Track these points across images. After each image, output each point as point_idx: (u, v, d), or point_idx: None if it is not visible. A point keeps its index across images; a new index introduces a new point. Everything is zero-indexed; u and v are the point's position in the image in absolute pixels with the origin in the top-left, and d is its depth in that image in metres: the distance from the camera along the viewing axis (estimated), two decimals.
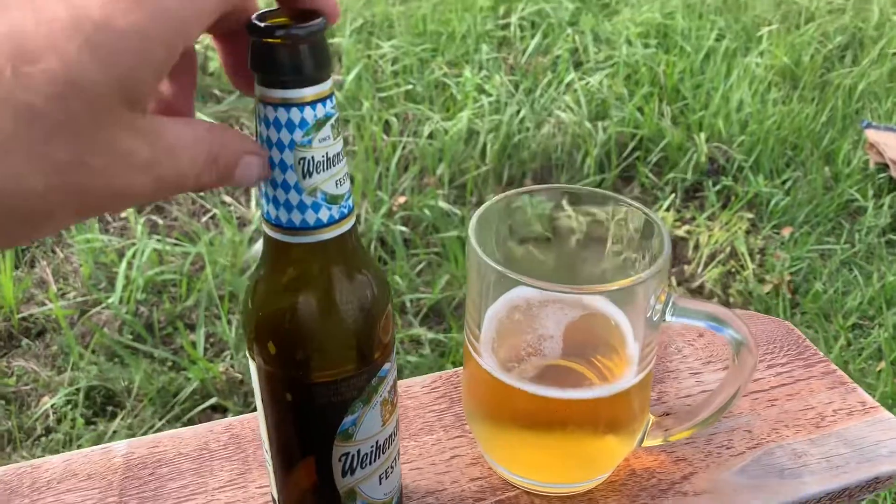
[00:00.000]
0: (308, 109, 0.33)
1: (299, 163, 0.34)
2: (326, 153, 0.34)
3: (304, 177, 0.34)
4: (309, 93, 0.33)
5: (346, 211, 0.36)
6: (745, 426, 0.54)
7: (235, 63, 0.35)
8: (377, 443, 0.41)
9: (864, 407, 0.55)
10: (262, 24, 0.32)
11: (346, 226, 0.36)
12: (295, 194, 0.35)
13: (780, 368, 0.59)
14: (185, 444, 0.52)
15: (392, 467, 0.43)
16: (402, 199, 2.11)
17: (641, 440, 0.49)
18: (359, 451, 0.40)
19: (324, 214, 0.35)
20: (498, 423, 0.48)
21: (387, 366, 0.40)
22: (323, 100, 0.33)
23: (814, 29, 2.95)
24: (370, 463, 0.41)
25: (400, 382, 0.57)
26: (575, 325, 0.47)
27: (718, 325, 0.44)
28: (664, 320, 0.44)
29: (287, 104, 0.33)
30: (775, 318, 0.63)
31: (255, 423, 0.54)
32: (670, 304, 0.44)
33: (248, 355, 0.40)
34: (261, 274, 0.38)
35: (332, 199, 0.35)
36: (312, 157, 0.34)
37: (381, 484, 0.42)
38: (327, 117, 0.34)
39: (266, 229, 0.37)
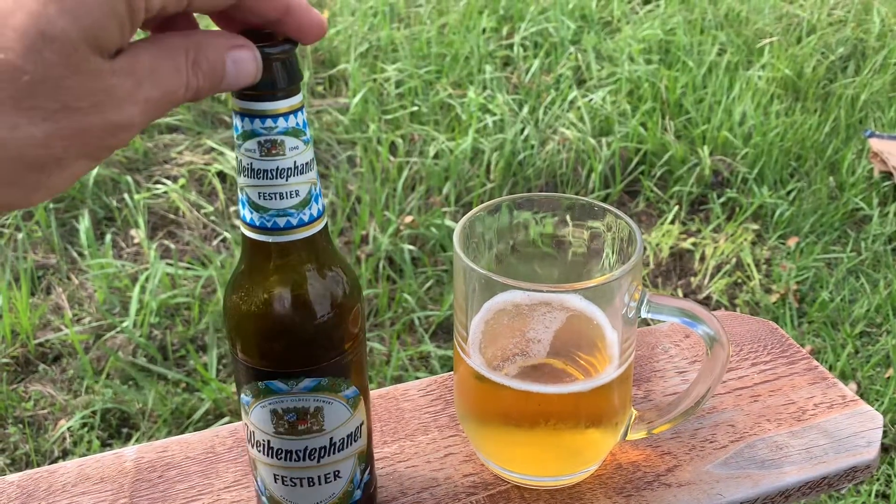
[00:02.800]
0: (238, 118, 0.38)
1: (236, 158, 0.39)
2: (251, 163, 0.38)
3: (237, 172, 0.39)
4: (240, 104, 0.37)
5: (281, 224, 0.39)
6: (729, 421, 0.56)
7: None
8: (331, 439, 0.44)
9: (845, 400, 0.57)
10: None
11: (288, 236, 0.40)
12: (238, 190, 0.40)
13: (764, 366, 0.61)
14: (192, 449, 0.55)
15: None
16: (409, 219, 2.14)
17: (625, 434, 0.51)
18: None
19: (248, 215, 0.40)
20: (487, 421, 0.51)
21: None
22: (251, 116, 0.37)
23: (815, 41, 2.97)
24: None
25: (397, 386, 0.60)
26: (558, 327, 0.50)
27: (692, 321, 0.47)
28: (640, 317, 0.46)
29: (234, 109, 0.38)
30: (760, 319, 0.65)
31: None
32: (645, 301, 0.46)
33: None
34: (238, 269, 0.42)
35: (255, 207, 0.39)
36: (241, 161, 0.38)
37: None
38: (254, 133, 0.37)
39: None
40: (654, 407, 0.55)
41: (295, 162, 0.38)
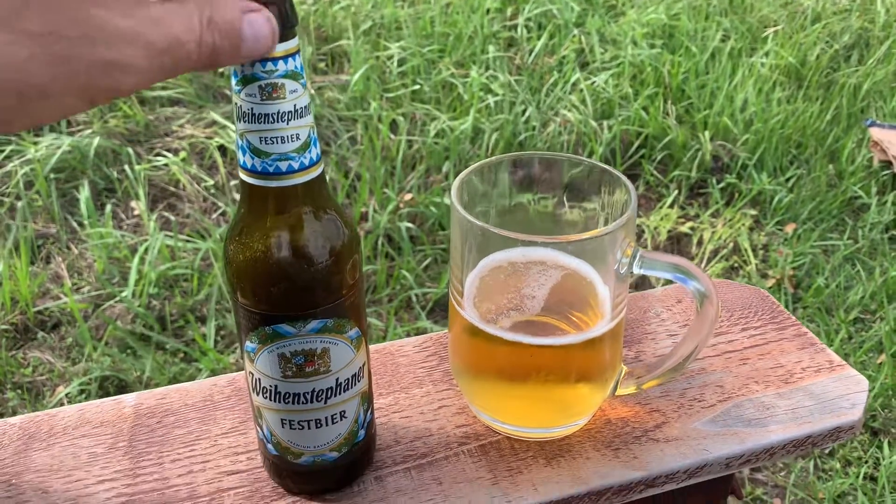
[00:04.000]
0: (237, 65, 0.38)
1: (234, 105, 0.39)
2: (251, 108, 0.39)
3: (236, 119, 0.40)
4: None
5: (283, 168, 0.40)
6: (717, 382, 0.57)
7: None
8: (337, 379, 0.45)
9: (832, 365, 0.58)
10: None
11: (290, 180, 0.40)
12: (237, 137, 0.40)
13: (754, 331, 0.62)
14: (190, 397, 0.56)
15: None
16: (408, 197, 2.15)
17: (615, 389, 0.52)
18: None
19: (249, 162, 0.40)
20: (479, 373, 0.52)
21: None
22: (251, 61, 0.37)
23: (820, 29, 2.97)
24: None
25: (393, 342, 0.61)
26: (553, 284, 0.51)
27: (684, 276, 0.47)
28: (632, 272, 0.47)
29: None
30: (751, 286, 0.66)
31: None
32: (637, 256, 0.47)
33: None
34: (239, 217, 0.43)
35: (256, 152, 0.39)
36: (240, 107, 0.39)
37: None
38: (255, 78, 0.38)
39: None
40: (643, 364, 0.56)
41: (295, 105, 0.39)
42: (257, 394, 0.46)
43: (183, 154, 2.21)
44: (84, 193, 2.04)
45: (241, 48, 0.34)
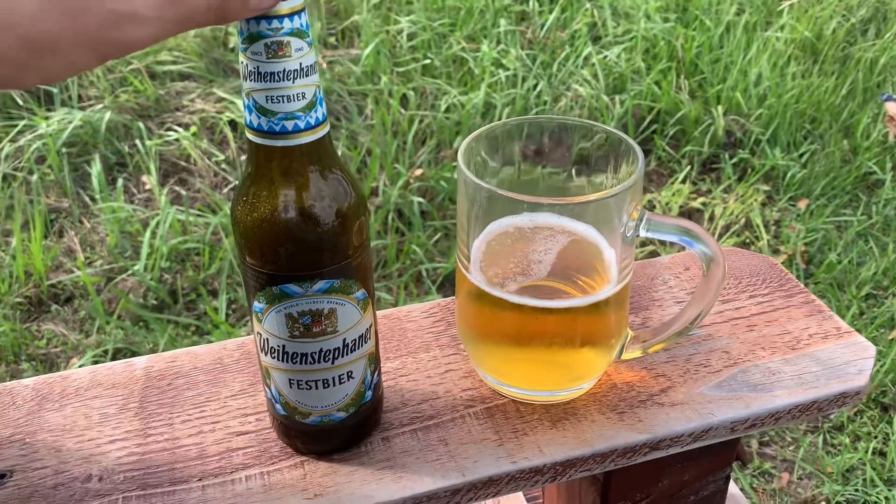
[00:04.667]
0: (243, 21, 0.38)
1: (240, 64, 0.39)
2: (258, 66, 0.39)
3: (242, 78, 0.40)
4: None
5: (289, 127, 0.40)
6: (724, 348, 0.57)
7: None
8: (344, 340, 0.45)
9: (839, 332, 0.58)
10: None
11: (296, 139, 0.40)
12: (243, 96, 0.40)
13: (762, 298, 0.62)
14: (200, 360, 0.57)
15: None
16: (418, 172, 2.15)
17: (620, 353, 0.52)
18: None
19: (255, 121, 0.40)
20: (486, 336, 0.52)
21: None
22: (258, 18, 0.37)
23: (836, 2, 2.93)
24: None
25: (401, 308, 0.61)
26: (559, 249, 0.51)
27: (691, 239, 0.47)
28: (638, 235, 0.47)
29: None
30: (760, 254, 0.66)
31: None
32: (644, 219, 0.47)
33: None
34: (246, 177, 0.43)
35: (262, 111, 0.40)
36: (246, 65, 0.39)
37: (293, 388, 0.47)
38: (260, 35, 0.38)
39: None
40: (649, 329, 0.56)
41: (300, 63, 0.39)
42: (265, 354, 0.46)
43: (193, 129, 2.21)
44: (96, 168, 2.05)
45: (250, 2, 0.35)
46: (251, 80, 0.39)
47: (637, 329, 0.59)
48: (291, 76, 0.39)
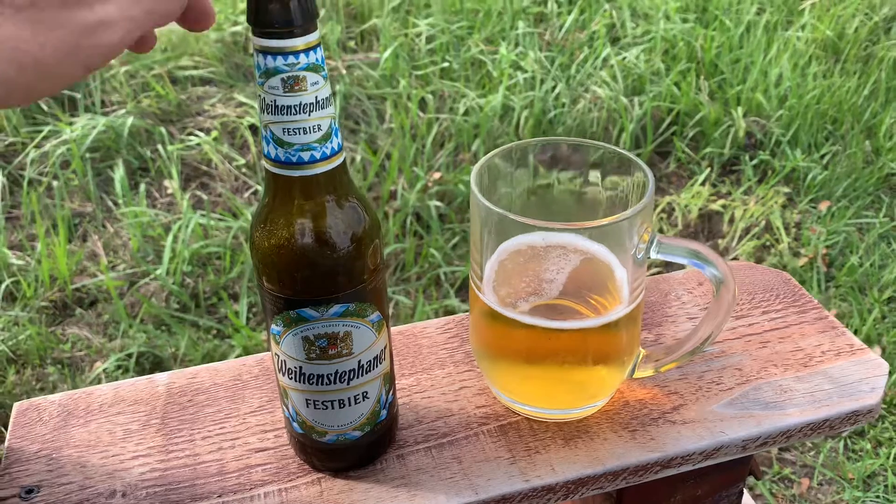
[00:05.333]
0: (261, 57, 0.39)
1: (258, 98, 0.41)
2: (275, 100, 0.40)
3: (259, 111, 0.41)
4: (263, 42, 0.39)
5: (305, 158, 0.41)
6: (736, 365, 0.57)
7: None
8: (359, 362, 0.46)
9: (852, 349, 0.58)
10: None
11: (313, 169, 0.42)
12: (261, 128, 0.42)
13: (775, 314, 0.62)
14: (220, 376, 0.58)
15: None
16: (437, 175, 2.16)
17: (632, 371, 0.53)
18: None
19: (273, 152, 0.41)
20: (499, 355, 0.53)
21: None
22: (274, 54, 0.39)
23: (859, 1, 2.90)
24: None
25: (416, 324, 0.62)
26: (572, 269, 0.51)
27: (700, 262, 0.48)
28: (649, 257, 0.48)
29: (256, 49, 0.40)
30: (774, 270, 0.66)
31: None
32: (654, 241, 0.48)
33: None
34: (264, 205, 0.44)
35: (279, 143, 0.41)
36: (264, 99, 0.40)
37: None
38: (277, 71, 0.39)
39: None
40: (662, 347, 0.57)
41: (316, 97, 0.40)
42: (283, 375, 0.47)
43: (214, 133, 2.24)
44: (119, 173, 2.08)
45: None
46: (269, 114, 0.40)
47: (650, 346, 0.59)
48: (308, 109, 0.40)
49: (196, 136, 2.23)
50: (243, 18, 2.58)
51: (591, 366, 0.51)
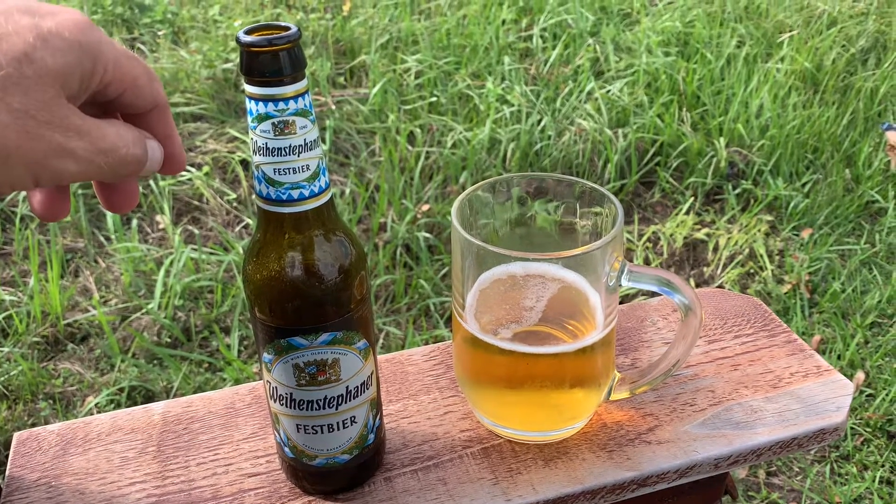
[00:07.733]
0: (253, 103, 0.43)
1: (250, 140, 0.44)
2: (266, 143, 0.43)
3: (252, 152, 0.44)
4: (255, 90, 0.42)
5: (295, 196, 0.44)
6: (709, 387, 0.60)
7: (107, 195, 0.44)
8: (347, 388, 0.49)
9: (819, 370, 0.61)
10: (244, 39, 0.41)
11: (302, 206, 0.44)
12: (254, 169, 0.45)
13: (746, 338, 0.65)
14: (213, 404, 0.60)
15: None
16: (426, 207, 2.19)
17: (608, 394, 0.55)
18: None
19: (264, 191, 0.44)
20: (481, 381, 0.55)
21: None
22: (265, 100, 0.42)
23: (836, 33, 2.97)
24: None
25: (402, 351, 0.64)
26: (550, 296, 0.54)
27: (669, 289, 0.51)
28: (620, 285, 0.51)
29: (249, 96, 0.43)
30: (746, 296, 0.69)
31: None
32: (625, 270, 0.50)
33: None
34: (256, 240, 0.47)
35: (270, 182, 0.44)
36: (256, 141, 0.43)
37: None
38: (268, 116, 0.42)
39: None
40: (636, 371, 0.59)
41: (305, 139, 0.43)
42: (274, 401, 0.50)
43: (206, 168, 2.27)
44: None
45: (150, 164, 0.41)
46: (260, 155, 0.43)
47: (626, 370, 0.62)
48: (297, 150, 0.43)
49: (188, 171, 2.26)
50: (234, 56, 2.63)
51: (568, 389, 0.53)
